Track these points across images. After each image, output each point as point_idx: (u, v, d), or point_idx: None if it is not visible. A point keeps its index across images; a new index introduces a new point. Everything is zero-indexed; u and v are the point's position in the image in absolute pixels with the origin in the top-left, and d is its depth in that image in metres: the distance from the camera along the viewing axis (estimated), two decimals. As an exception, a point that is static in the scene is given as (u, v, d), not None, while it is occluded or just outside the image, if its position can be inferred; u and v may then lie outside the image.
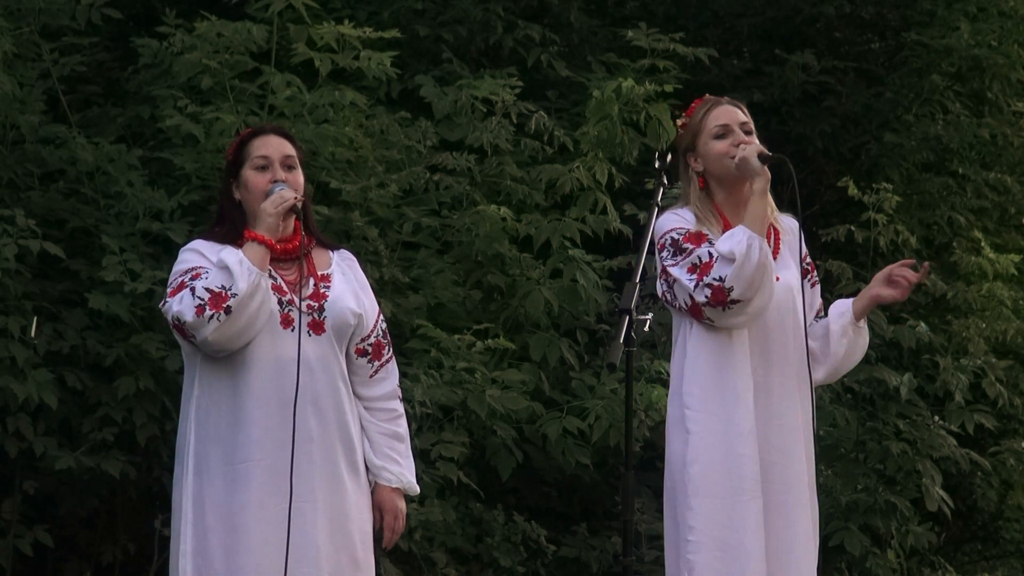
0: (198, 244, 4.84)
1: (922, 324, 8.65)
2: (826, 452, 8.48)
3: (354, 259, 4.98)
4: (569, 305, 8.05)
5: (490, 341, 7.66)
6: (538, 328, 8.05)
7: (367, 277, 5.03)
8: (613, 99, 8.13)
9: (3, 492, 7.18)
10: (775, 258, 5.02)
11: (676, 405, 4.99)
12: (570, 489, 8.37)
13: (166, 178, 7.66)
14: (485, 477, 7.80)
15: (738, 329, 4.92)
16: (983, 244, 9.55)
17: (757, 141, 5.05)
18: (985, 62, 9.95)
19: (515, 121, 8.33)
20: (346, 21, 7.92)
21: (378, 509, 4.88)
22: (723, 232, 4.98)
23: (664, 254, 4.97)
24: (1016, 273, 9.53)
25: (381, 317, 4.96)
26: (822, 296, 5.25)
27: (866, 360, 8.36)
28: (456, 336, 7.63)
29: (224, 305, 4.63)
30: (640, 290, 4.78)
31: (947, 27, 9.98)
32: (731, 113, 5.08)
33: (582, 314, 8.14)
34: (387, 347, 4.94)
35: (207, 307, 4.62)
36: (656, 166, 5.05)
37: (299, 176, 4.87)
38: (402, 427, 4.93)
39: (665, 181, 5.03)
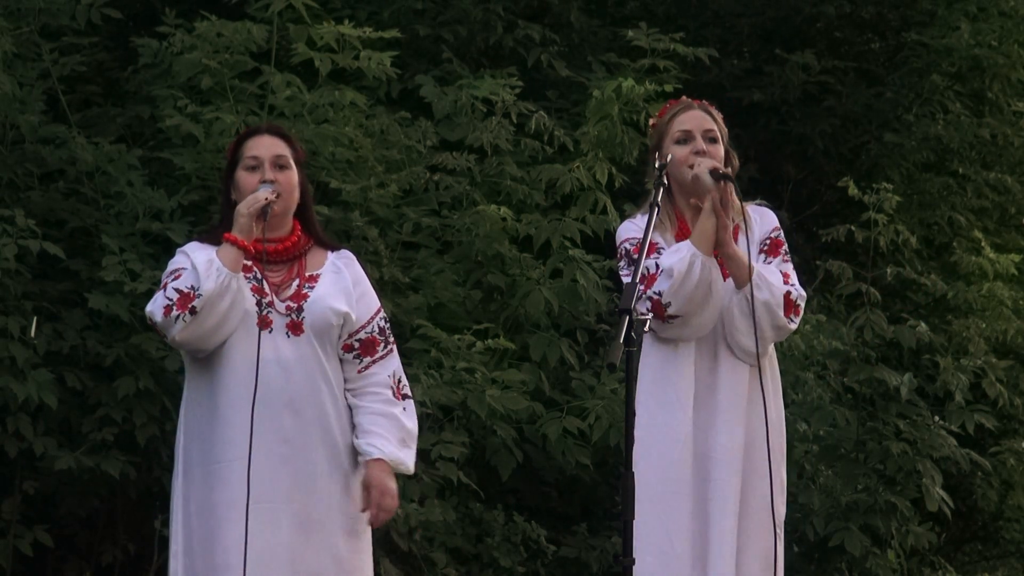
0: (190, 245, 4.85)
1: (922, 324, 8.65)
2: (826, 452, 8.48)
3: (352, 259, 4.95)
4: (569, 305, 8.05)
5: (490, 341, 7.65)
6: (538, 328, 8.04)
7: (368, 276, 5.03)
8: (613, 99, 8.13)
9: (3, 492, 7.18)
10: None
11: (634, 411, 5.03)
12: (570, 489, 8.37)
13: (166, 178, 7.65)
14: (485, 477, 7.79)
15: (684, 340, 4.95)
16: (983, 244, 9.55)
17: (721, 150, 5.06)
18: (985, 62, 9.95)
19: (515, 121, 8.33)
20: (346, 21, 7.91)
21: (365, 488, 4.80)
22: (676, 236, 5.00)
23: (620, 264, 5.01)
24: (1016, 273, 9.53)
25: (381, 314, 4.91)
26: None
27: (866, 360, 8.43)
28: (456, 336, 7.63)
29: (189, 305, 4.64)
30: (640, 290, 4.79)
31: (947, 27, 9.98)
32: (697, 119, 5.08)
33: (582, 314, 8.14)
34: (382, 343, 4.88)
35: (174, 307, 4.64)
36: (656, 166, 5.06)
37: (292, 175, 4.84)
38: (394, 408, 4.83)
39: (665, 181, 5.03)
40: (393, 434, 4.81)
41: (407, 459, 4.84)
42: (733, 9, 10.21)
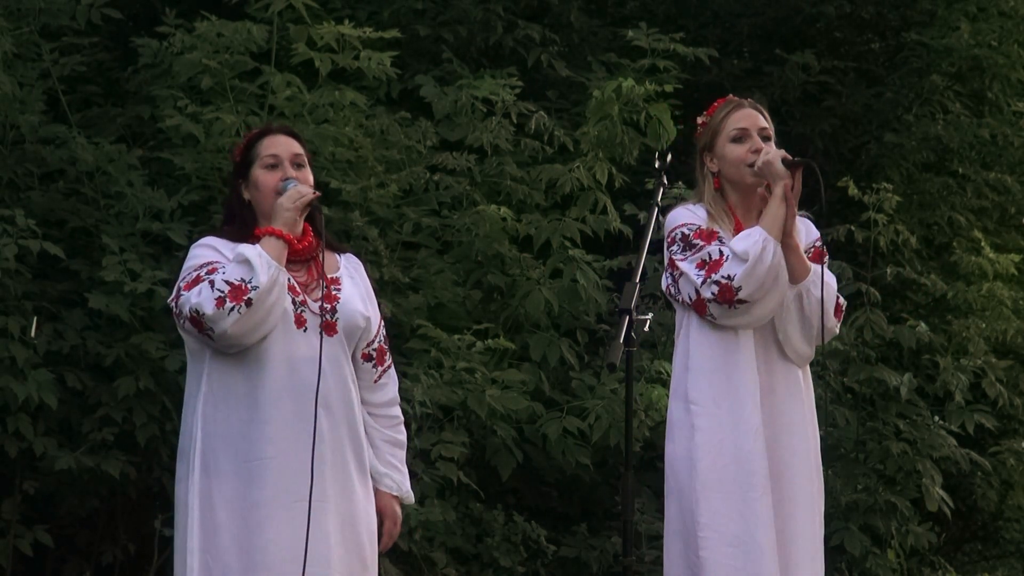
0: (211, 240, 4.84)
1: (922, 324, 8.66)
2: (826, 452, 8.40)
3: (359, 264, 5.01)
4: (569, 305, 8.05)
5: (490, 341, 7.66)
6: (538, 328, 8.05)
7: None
8: (613, 99, 8.13)
9: (3, 492, 7.18)
10: None
11: (680, 401, 5.00)
12: (570, 489, 8.37)
13: (166, 178, 7.66)
14: (485, 477, 7.80)
15: (743, 328, 4.94)
16: (983, 244, 9.55)
17: (775, 146, 5.06)
18: (985, 62, 9.96)
19: (515, 121, 8.33)
20: (346, 21, 7.92)
21: (379, 514, 4.90)
22: (735, 233, 4.99)
23: (674, 248, 4.98)
24: (1016, 273, 9.53)
25: (382, 323, 4.99)
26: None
27: (866, 360, 8.43)
28: (456, 336, 7.63)
29: (245, 297, 4.63)
30: (640, 290, 4.79)
31: (947, 27, 9.98)
32: (751, 117, 5.07)
33: (582, 314, 8.14)
34: (388, 353, 4.98)
35: (227, 299, 4.62)
36: (656, 166, 5.05)
37: (308, 174, 4.90)
38: (403, 434, 4.99)
39: (665, 181, 5.03)
40: (405, 467, 4.99)
41: (411, 491, 5.05)
42: (733, 9, 10.22)
